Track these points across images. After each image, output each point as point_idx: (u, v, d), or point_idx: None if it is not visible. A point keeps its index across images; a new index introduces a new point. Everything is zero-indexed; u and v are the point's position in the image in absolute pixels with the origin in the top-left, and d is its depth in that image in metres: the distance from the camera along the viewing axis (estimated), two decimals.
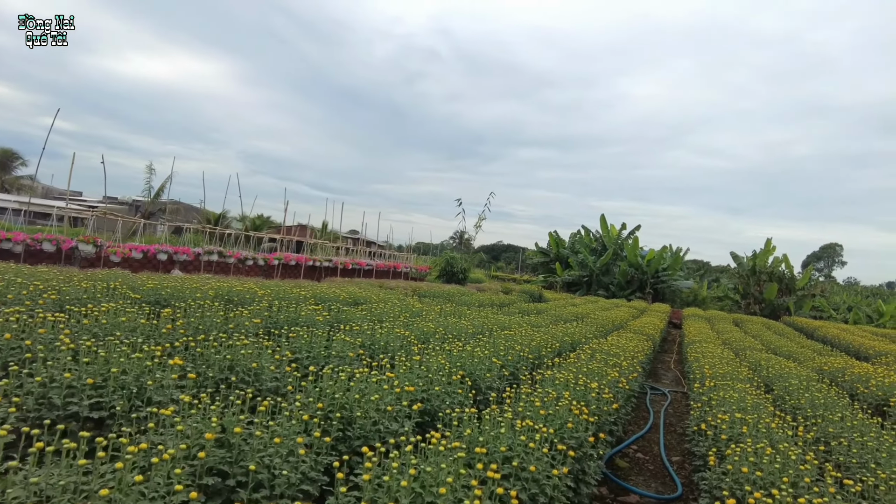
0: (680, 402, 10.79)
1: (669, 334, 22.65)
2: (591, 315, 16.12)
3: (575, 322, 13.53)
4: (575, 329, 11.25)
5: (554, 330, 10.63)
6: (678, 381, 13.06)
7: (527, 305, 17.00)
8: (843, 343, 16.53)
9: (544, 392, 4.62)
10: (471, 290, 21.18)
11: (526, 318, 12.60)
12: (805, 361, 10.64)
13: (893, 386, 7.05)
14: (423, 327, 7.28)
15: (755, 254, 34.80)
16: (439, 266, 24.11)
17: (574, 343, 9.70)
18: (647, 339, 12.35)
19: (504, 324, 10.05)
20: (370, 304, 9.49)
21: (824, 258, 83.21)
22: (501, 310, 14.77)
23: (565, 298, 25.60)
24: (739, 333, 16.29)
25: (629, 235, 39.26)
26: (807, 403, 5.89)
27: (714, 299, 37.89)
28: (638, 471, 6.90)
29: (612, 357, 7.40)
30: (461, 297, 16.30)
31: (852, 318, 32.37)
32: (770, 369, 8.50)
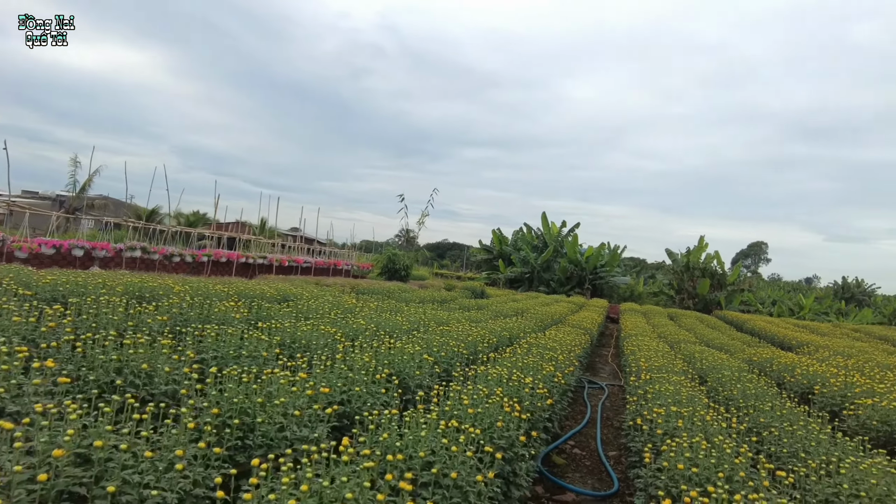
0: (617, 395, 10.84)
1: (607, 328, 23.09)
2: (530, 310, 16.10)
3: (515, 317, 13.43)
4: (514, 324, 11.09)
5: (493, 325, 10.43)
6: (615, 374, 13.18)
7: (468, 301, 16.81)
8: (769, 334, 17.25)
9: (475, 389, 4.33)
10: (413, 287, 20.81)
11: (466, 314, 12.37)
12: (736, 353, 10.91)
13: (817, 375, 7.24)
14: (352, 324, 6.86)
15: (689, 251, 36.19)
16: (381, 263, 23.60)
17: (512, 338, 9.52)
18: (584, 333, 12.38)
19: (442, 319, 9.75)
20: (299, 300, 8.95)
21: (751, 255, 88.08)
22: (443, 306, 14.49)
23: (507, 294, 25.67)
24: (674, 327, 16.71)
25: (569, 233, 39.99)
26: (739, 394, 5.89)
27: (650, 295, 39.15)
28: (575, 467, 6.76)
29: (548, 351, 7.23)
30: (402, 294, 15.92)
31: (777, 311, 34.21)
32: (704, 361, 8.59)
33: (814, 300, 35.17)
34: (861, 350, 13.11)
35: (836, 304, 38.72)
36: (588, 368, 13.26)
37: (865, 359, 11.21)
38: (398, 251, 23.78)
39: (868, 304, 42.70)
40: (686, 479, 3.32)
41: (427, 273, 30.35)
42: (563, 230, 40.47)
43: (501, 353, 7.10)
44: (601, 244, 38.87)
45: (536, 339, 8.57)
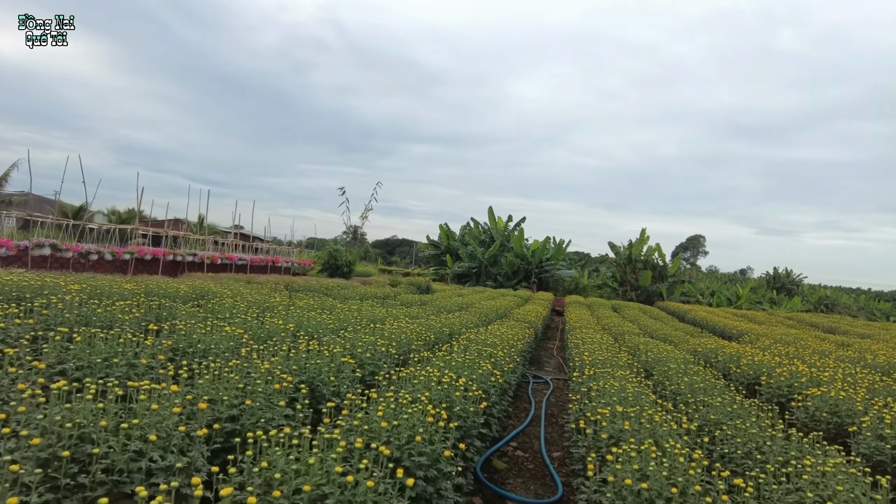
0: (562, 389, 10.50)
1: (553, 321, 23.00)
2: (475, 305, 15.65)
3: (458, 312, 12.93)
4: (456, 319, 10.57)
5: (433, 321, 9.87)
6: (561, 367, 12.90)
7: (412, 297, 16.20)
8: (710, 324, 17.48)
9: (398, 396, 3.73)
10: (355, 283, 19.99)
11: (407, 310, 11.75)
12: (680, 344, 10.77)
13: (762, 365, 7.06)
14: (268, 325, 6.10)
15: (631, 243, 36.83)
16: (322, 260, 22.60)
17: (453, 334, 8.99)
18: (528, 327, 12.01)
19: (377, 317, 9.10)
20: (217, 299, 8.09)
21: (690, 248, 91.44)
22: (384, 302, 13.82)
23: (453, 289, 25.21)
24: (618, 319, 16.66)
25: (515, 227, 39.97)
26: (686, 388, 5.56)
27: (594, 287, 39.68)
28: (517, 472, 6.27)
29: (488, 348, 6.72)
30: (341, 291, 15.13)
31: (715, 301, 35.31)
32: (648, 354, 8.32)
33: (749, 290, 36.53)
34: (796, 337, 13.35)
35: (768, 293, 40.43)
36: (533, 363, 12.93)
37: (801, 346, 11.34)
38: (340, 247, 22.86)
39: (797, 293, 44.86)
40: (635, 496, 2.83)
41: (373, 270, 29.49)
42: (510, 225, 40.49)
43: (438, 351, 6.54)
44: (546, 238, 39.08)
45: (477, 335, 8.06)
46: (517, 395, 9.70)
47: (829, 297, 44.28)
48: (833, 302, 43.47)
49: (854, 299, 49.17)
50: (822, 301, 42.10)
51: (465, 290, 25.93)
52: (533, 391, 10.07)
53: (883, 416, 4.29)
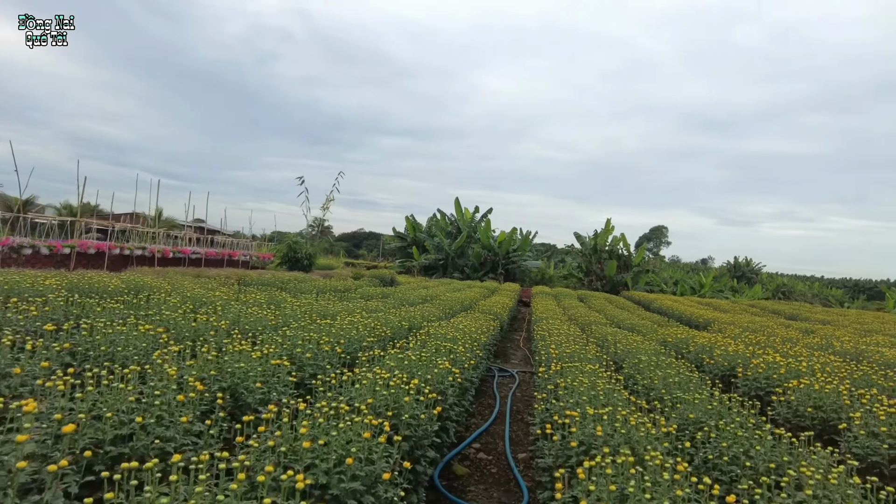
0: (528, 382, 10.08)
1: (519, 312, 22.69)
2: (440, 297, 15.13)
3: (422, 305, 12.38)
4: (418, 312, 10.02)
5: (393, 315, 9.30)
6: (527, 359, 12.50)
7: (373, 290, 15.56)
8: (676, 313, 17.38)
9: (330, 405, 3.15)
10: (316, 276, 19.23)
11: (366, 304, 11.14)
12: (648, 334, 10.47)
13: (737, 355, 6.71)
14: (198, 323, 5.40)
15: (596, 233, 36.87)
16: (282, 252, 21.68)
17: (413, 327, 8.43)
18: (494, 319, 11.55)
19: (330, 311, 8.46)
20: (151, 294, 7.32)
21: (653, 239, 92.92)
22: (343, 296, 13.16)
23: (419, 281, 24.63)
24: (584, 308, 16.39)
25: (482, 219, 39.56)
26: (660, 383, 5.14)
27: (560, 278, 39.68)
28: (479, 477, 5.77)
29: (447, 343, 6.18)
30: (298, 285, 14.38)
31: (679, 290, 35.68)
32: (618, 345, 7.93)
33: (713, 279, 37.06)
34: (762, 325, 13.27)
35: (730, 282, 41.16)
36: (499, 355, 12.50)
37: (768, 333, 11.20)
38: (299, 239, 21.95)
39: (756, 282, 45.86)
40: None
41: (337, 263, 28.59)
42: (477, 216, 40.06)
43: (393, 348, 5.97)
44: (513, 229, 38.79)
45: (438, 330, 7.52)
46: (481, 390, 9.24)
47: (786, 285, 45.45)
48: (790, 289, 44.63)
49: (809, 287, 50.58)
50: (780, 289, 43.14)
51: (430, 282, 25.39)
52: (498, 385, 9.62)
53: (874, 411, 3.93)
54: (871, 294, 58.85)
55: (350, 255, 79.50)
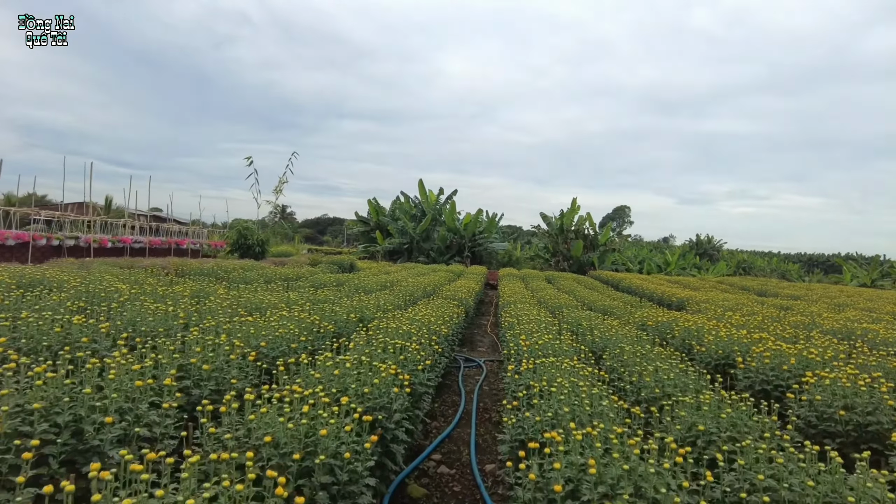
0: (497, 373, 9.22)
1: (486, 295, 21.89)
2: (401, 283, 14.12)
3: (379, 292, 11.35)
4: (372, 301, 9.00)
5: (343, 305, 8.25)
6: (495, 346, 11.65)
7: (328, 277, 14.41)
8: (647, 292, 16.80)
9: (211, 447, 2.12)
10: (267, 264, 17.92)
11: (316, 293, 10.04)
12: (624, 316, 9.70)
13: (732, 342, 5.90)
14: (67, 328, 4.23)
15: (563, 213, 36.27)
16: (232, 239, 20.24)
17: (363, 319, 7.41)
18: (459, 305, 10.61)
19: (264, 304, 7.33)
20: (55, 287, 6.08)
21: (616, 219, 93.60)
22: (292, 284, 12.00)
23: (381, 266, 23.53)
24: (553, 290, 15.63)
25: (447, 201, 38.48)
26: (652, 380, 4.26)
27: (527, 259, 39.11)
28: (440, 497, 4.84)
29: (399, 339, 5.18)
30: (243, 274, 13.13)
31: (646, 268, 35.51)
32: (594, 332, 7.06)
33: (678, 257, 37.06)
34: (738, 303, 12.72)
35: (694, 259, 41.33)
36: (466, 343, 11.61)
37: (747, 312, 10.60)
38: (250, 225, 20.51)
39: (718, 258, 46.27)
40: None
41: (295, 249, 27.12)
42: (441, 198, 38.93)
43: (332, 346, 4.93)
44: (478, 210, 37.84)
45: (389, 323, 6.51)
46: (445, 384, 8.31)
47: (746, 261, 46.08)
48: (750, 265, 45.25)
49: (767, 262, 51.46)
50: (741, 265, 43.64)
51: (393, 267, 24.33)
52: (464, 378, 8.71)
53: None
54: (826, 268, 60.46)
55: (314, 242, 77.38)
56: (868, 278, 35.64)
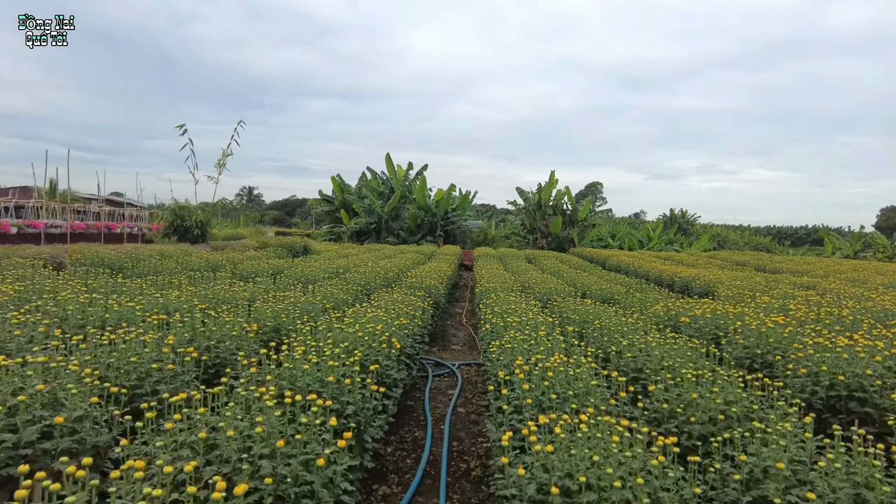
0: (476, 383, 7.15)
1: (461, 278, 19.81)
2: (359, 268, 11.90)
3: (328, 281, 9.13)
4: (304, 300, 6.78)
5: (263, 305, 6.02)
6: (471, 342, 9.58)
7: (268, 264, 12.07)
8: (641, 271, 14.91)
9: None
10: (205, 249, 15.45)
11: (234, 289, 7.76)
12: (632, 306, 7.69)
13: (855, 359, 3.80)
14: None
15: (540, 187, 34.18)
16: (168, 221, 17.58)
17: (279, 328, 5.20)
18: (426, 296, 8.47)
19: (109, 317, 4.99)
20: None
21: (588, 195, 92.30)
22: (216, 274, 9.65)
23: (343, 249, 21.18)
24: (537, 272, 13.58)
25: (417, 176, 35.89)
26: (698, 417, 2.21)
27: (502, 237, 37.13)
28: None
29: (327, 363, 3.01)
30: (157, 264, 10.68)
31: (627, 244, 33.83)
32: (613, 336, 4.96)
33: (661, 231, 35.49)
34: (755, 282, 10.87)
35: (678, 234, 39.89)
36: (436, 338, 9.51)
37: (776, 294, 8.73)
38: (187, 204, 17.85)
39: (692, 233, 44.90)
40: None
41: (247, 231, 24.43)
42: (411, 173, 36.31)
43: (199, 387, 2.74)
44: (451, 185, 35.43)
45: (313, 340, 4.31)
46: (406, 406, 6.18)
47: (720, 235, 45.07)
48: (724, 238, 44.25)
49: (740, 235, 50.65)
50: (715, 238, 42.48)
51: (356, 248, 22.00)
52: (433, 393, 6.62)
53: None
54: (794, 240, 60.10)
55: (283, 224, 73.82)
56: (851, 250, 34.73)
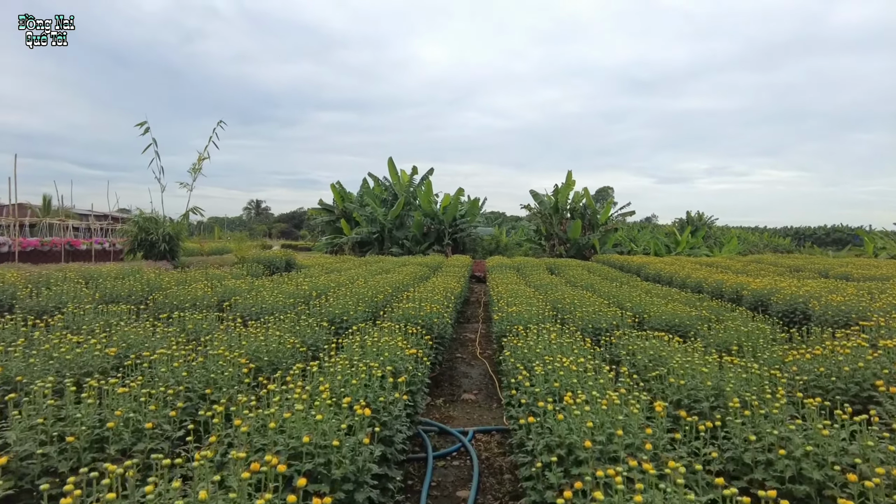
0: (501, 468, 4.59)
1: (472, 292, 17.26)
2: (343, 287, 9.43)
3: (287, 311, 6.64)
4: (219, 352, 4.29)
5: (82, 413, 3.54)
6: (489, 384, 7.04)
7: (235, 284, 9.58)
8: (691, 282, 12.29)
9: None
10: (164, 267, 13.06)
11: (131, 332, 5.28)
12: (723, 343, 5.10)
13: None
14: None
15: (557, 189, 31.53)
16: (132, 235, 15.18)
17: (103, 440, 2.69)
18: (418, 339, 5.92)
19: None
20: None
21: (600, 200, 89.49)
22: (150, 300, 7.18)
23: (339, 262, 18.72)
24: (566, 286, 10.98)
25: (422, 181, 33.35)
26: None
27: (515, 245, 34.50)
28: None
29: None
30: (62, 295, 8.26)
31: (653, 249, 31.08)
32: (743, 437, 2.42)
33: (688, 235, 32.71)
34: (848, 295, 8.22)
35: (709, 239, 37.04)
36: (443, 382, 6.96)
37: (872, 309, 6.13)
38: (154, 215, 15.46)
39: (710, 236, 42.00)
40: None
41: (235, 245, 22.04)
42: (415, 178, 33.74)
43: None
44: (458, 190, 32.84)
45: None
46: None
47: (740, 237, 42.34)
48: (743, 241, 41.53)
49: (759, 237, 47.88)
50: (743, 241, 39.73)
51: (353, 261, 19.51)
52: (433, 489, 4.08)
53: None
54: (814, 240, 57.04)
55: (290, 237, 72.24)
56: None
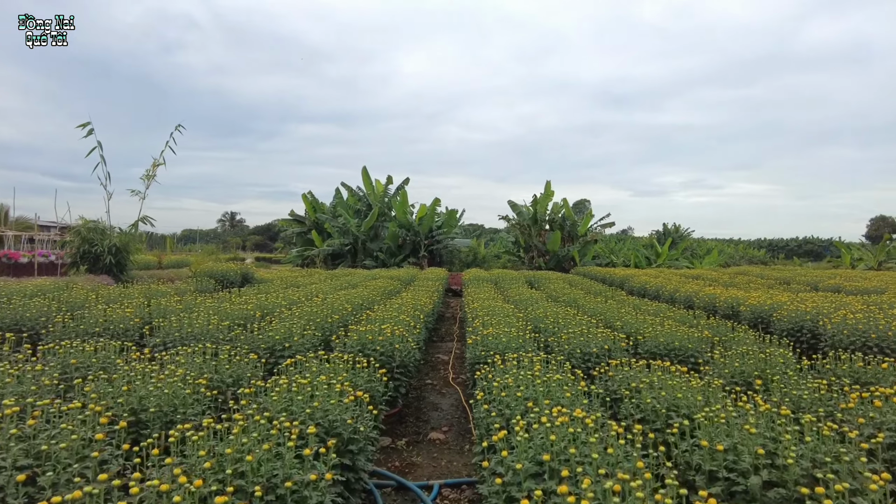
0: None
1: (448, 308, 16.23)
2: (295, 305, 8.31)
3: (212, 336, 5.52)
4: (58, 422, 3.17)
5: None
6: (462, 416, 5.99)
7: (164, 304, 8.38)
8: (679, 296, 11.44)
9: None
10: (104, 282, 11.76)
11: None
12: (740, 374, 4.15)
13: None
14: None
15: (535, 199, 30.75)
16: (74, 246, 13.79)
17: None
18: (369, 377, 4.86)
19: None
20: None
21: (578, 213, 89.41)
22: (49, 327, 5.99)
23: (305, 276, 17.54)
24: (548, 302, 10.00)
25: (397, 191, 32.28)
26: None
27: (494, 257, 33.60)
28: None
29: None
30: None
31: (633, 261, 30.45)
32: None
33: (668, 247, 32.17)
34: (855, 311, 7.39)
35: (687, 251, 36.64)
36: (408, 415, 5.88)
37: None
38: (99, 225, 14.08)
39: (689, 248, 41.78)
40: None
41: (195, 258, 20.56)
42: (390, 188, 32.63)
43: None
44: (435, 200, 31.80)
45: None
46: None
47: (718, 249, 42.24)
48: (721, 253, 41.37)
49: (735, 249, 48.02)
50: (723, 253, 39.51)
51: (319, 274, 18.34)
52: None
53: None
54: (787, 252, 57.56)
55: (265, 249, 70.58)
56: (875, 261, 31.66)
